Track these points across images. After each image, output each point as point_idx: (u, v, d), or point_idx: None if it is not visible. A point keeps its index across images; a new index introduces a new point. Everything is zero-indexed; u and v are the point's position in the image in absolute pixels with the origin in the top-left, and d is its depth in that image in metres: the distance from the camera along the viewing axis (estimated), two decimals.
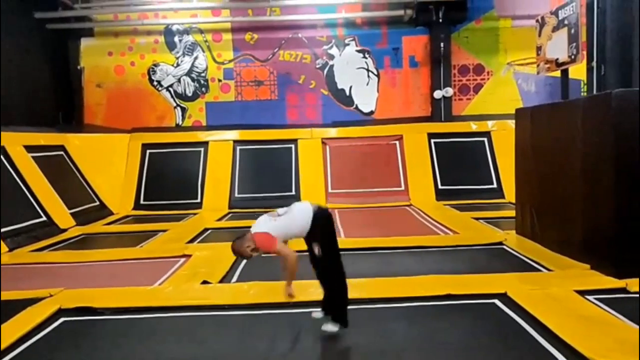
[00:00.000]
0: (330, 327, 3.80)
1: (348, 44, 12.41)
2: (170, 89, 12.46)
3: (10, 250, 7.23)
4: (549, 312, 4.08)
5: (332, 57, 12.41)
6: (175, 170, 11.34)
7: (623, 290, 4.63)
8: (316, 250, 3.74)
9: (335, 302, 3.84)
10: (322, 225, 3.79)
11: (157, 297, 4.89)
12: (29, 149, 9.16)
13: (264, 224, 3.75)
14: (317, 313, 4.00)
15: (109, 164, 11.08)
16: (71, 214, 9.19)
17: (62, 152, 10.32)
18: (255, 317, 4.38)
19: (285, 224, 3.75)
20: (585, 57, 6.86)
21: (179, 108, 12.51)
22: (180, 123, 12.52)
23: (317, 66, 12.42)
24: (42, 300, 4.77)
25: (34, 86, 11.07)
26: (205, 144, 11.57)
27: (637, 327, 3.78)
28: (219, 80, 12.45)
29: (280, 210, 3.86)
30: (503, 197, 10.49)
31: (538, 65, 7.47)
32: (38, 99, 11.23)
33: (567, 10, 6.51)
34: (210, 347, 3.83)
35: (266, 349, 3.73)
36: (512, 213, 7.46)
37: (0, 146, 8.49)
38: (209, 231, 8.42)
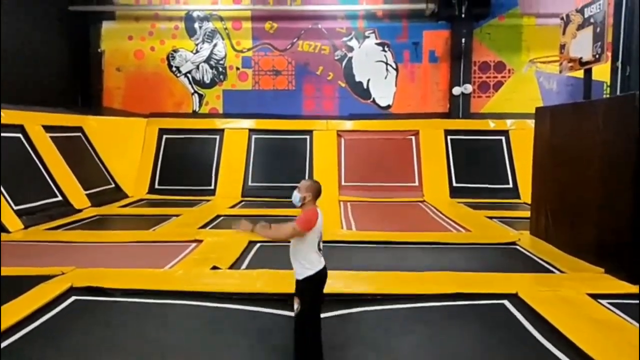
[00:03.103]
0: None
1: (368, 37, 12.31)
2: (188, 75, 12.50)
3: (26, 227, 7.34)
4: (560, 314, 4.02)
5: (351, 49, 12.33)
6: (190, 156, 11.41)
7: (637, 295, 4.54)
8: (295, 305, 3.36)
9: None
10: (315, 286, 3.42)
11: (167, 280, 4.92)
12: (48, 129, 9.27)
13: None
14: None
15: (126, 147, 11.18)
16: (87, 195, 9.30)
17: (79, 134, 10.43)
18: (261, 305, 4.38)
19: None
20: (610, 58, 6.68)
21: (196, 95, 12.55)
22: (197, 110, 12.56)
23: (336, 58, 12.35)
24: (54, 278, 4.83)
25: (54, 68, 11.19)
26: (221, 131, 11.61)
27: None
28: (237, 69, 12.45)
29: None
30: (518, 197, 10.37)
31: (561, 64, 7.32)
32: (58, 80, 11.34)
33: (594, 8, 6.36)
34: (217, 334, 3.85)
35: (270, 339, 3.73)
36: (527, 214, 7.36)
37: (19, 125, 8.59)
38: (221, 218, 8.45)
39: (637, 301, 4.41)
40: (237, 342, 3.70)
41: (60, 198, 8.67)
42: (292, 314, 3.78)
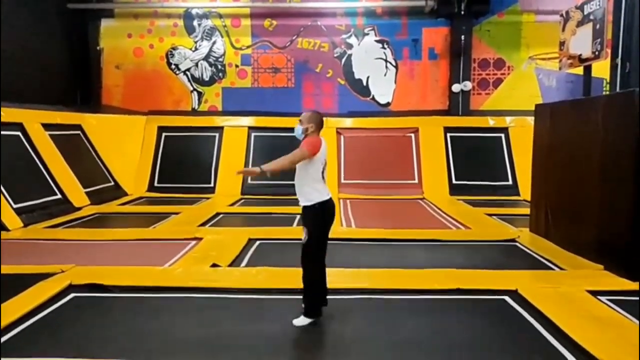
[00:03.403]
0: (299, 321, 3.73)
1: (367, 34, 12.29)
2: (187, 73, 12.48)
3: (25, 226, 7.34)
4: (560, 311, 4.03)
5: (350, 46, 12.31)
6: (189, 154, 11.40)
7: (636, 292, 4.54)
8: (303, 235, 3.66)
9: (305, 294, 3.75)
10: (323, 213, 3.71)
11: (167, 277, 4.92)
12: (47, 126, 9.26)
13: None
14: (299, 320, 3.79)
15: (125, 145, 11.16)
16: (86, 193, 9.29)
17: (79, 132, 10.42)
18: (262, 302, 4.39)
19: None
20: (610, 55, 6.67)
21: (195, 92, 12.53)
22: (197, 107, 12.55)
23: (335, 55, 12.33)
24: (54, 276, 4.83)
25: (53, 65, 11.17)
26: (220, 129, 11.59)
27: None
28: (236, 66, 12.43)
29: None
30: (518, 194, 10.37)
31: (560, 61, 7.30)
32: (57, 78, 11.33)
33: (593, 5, 6.34)
34: (216, 329, 3.85)
35: (272, 334, 3.73)
36: (527, 211, 7.36)
37: (18, 123, 8.58)
38: (221, 216, 8.45)
39: (637, 298, 4.42)
40: (239, 334, 3.70)
41: (59, 196, 8.66)
42: (293, 297, 3.84)
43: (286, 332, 3.76)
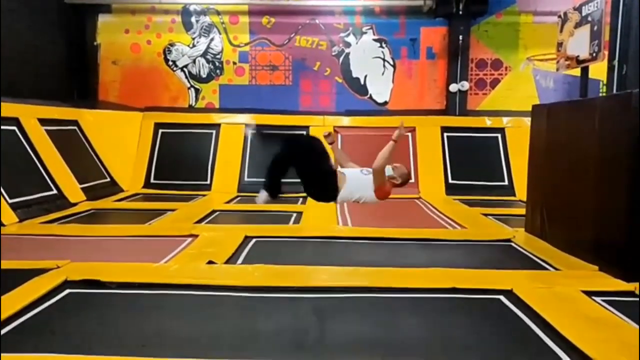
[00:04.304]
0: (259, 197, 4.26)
1: (365, 33, 12.28)
2: (185, 69, 12.45)
3: (21, 221, 7.31)
4: (555, 311, 4.04)
5: (348, 45, 12.30)
6: (186, 151, 11.37)
7: (631, 293, 4.56)
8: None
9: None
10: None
11: (162, 274, 4.91)
12: (43, 122, 9.21)
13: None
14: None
15: (121, 141, 11.13)
16: (82, 188, 9.26)
17: (75, 127, 10.38)
18: (258, 300, 4.39)
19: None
20: (607, 56, 6.71)
21: (192, 89, 12.50)
22: (194, 104, 12.51)
23: (333, 53, 12.33)
24: (49, 271, 4.81)
25: (50, 61, 11.10)
26: (217, 126, 11.57)
27: None
28: (234, 63, 12.41)
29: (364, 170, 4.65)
30: (514, 194, 10.39)
31: (558, 62, 7.33)
32: (54, 73, 11.26)
33: (591, 6, 6.37)
34: (212, 327, 3.85)
35: (267, 332, 3.74)
36: (522, 211, 7.38)
37: (14, 118, 8.54)
38: (217, 213, 8.44)
39: (632, 299, 4.45)
40: (235, 330, 3.70)
41: (55, 191, 8.63)
42: (288, 295, 3.85)
43: (282, 330, 3.76)
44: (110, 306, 4.22)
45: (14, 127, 8.50)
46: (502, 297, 4.43)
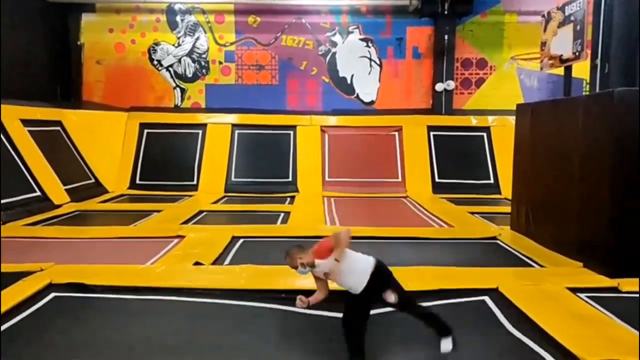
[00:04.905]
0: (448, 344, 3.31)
1: (352, 32, 12.30)
2: (170, 69, 12.36)
3: (4, 223, 7.19)
4: (540, 308, 4.08)
5: (335, 44, 12.31)
6: (172, 151, 11.29)
7: (615, 289, 4.63)
8: (392, 298, 3.29)
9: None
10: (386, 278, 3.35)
11: (149, 276, 4.87)
12: (26, 122, 9.09)
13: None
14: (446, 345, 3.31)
15: (106, 141, 11.01)
16: (66, 190, 9.14)
17: (59, 128, 10.25)
18: (245, 301, 4.37)
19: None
20: (589, 56, 6.79)
21: (178, 89, 12.42)
22: (179, 104, 12.43)
23: (320, 53, 12.33)
24: (33, 274, 4.75)
25: (32, 60, 10.94)
26: (203, 126, 11.51)
27: (628, 326, 3.79)
28: (220, 63, 12.35)
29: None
30: (499, 192, 10.50)
31: (541, 61, 7.41)
32: (36, 73, 11.10)
33: (574, 6, 6.44)
34: (199, 330, 3.82)
35: (256, 335, 3.72)
36: (508, 209, 7.45)
37: None
38: (204, 213, 8.39)
39: (616, 295, 4.52)
40: (222, 336, 3.68)
41: (38, 193, 8.51)
42: (275, 306, 3.80)
43: (269, 333, 3.76)
44: (97, 310, 4.18)
45: None
46: (487, 296, 4.45)
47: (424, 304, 3.91)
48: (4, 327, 3.76)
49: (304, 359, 3.38)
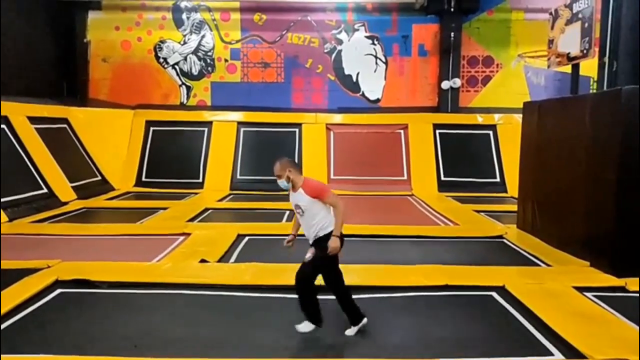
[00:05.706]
0: (352, 331, 3.66)
1: (357, 30, 12.27)
2: (176, 66, 12.37)
3: (10, 220, 7.24)
4: (547, 307, 4.07)
5: (340, 42, 12.28)
6: (178, 148, 11.32)
7: (622, 288, 4.61)
8: (308, 255, 3.60)
9: (347, 306, 3.69)
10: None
11: (155, 273, 4.89)
12: (32, 120, 9.13)
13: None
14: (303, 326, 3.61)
15: (112, 139, 11.05)
16: (72, 187, 9.19)
17: (65, 125, 10.30)
18: (250, 298, 4.37)
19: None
20: (597, 53, 6.73)
21: (184, 86, 12.43)
22: (185, 102, 12.45)
23: (325, 51, 12.30)
24: (40, 271, 4.77)
25: (39, 58, 11.00)
26: (209, 124, 11.52)
27: (635, 325, 3.77)
28: (226, 60, 12.35)
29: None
30: (505, 191, 10.45)
31: (549, 59, 7.36)
32: (43, 71, 11.16)
33: (582, 3, 6.39)
34: (204, 326, 3.83)
35: (260, 331, 3.73)
36: (514, 207, 7.42)
37: (3, 116, 8.44)
38: (210, 211, 8.41)
39: (623, 294, 4.49)
40: (226, 330, 3.68)
41: (45, 190, 8.55)
42: (281, 295, 3.78)
43: (273, 329, 3.76)
44: (103, 306, 4.19)
45: (3, 126, 8.41)
46: (494, 294, 4.45)
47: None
48: (10, 322, 3.78)
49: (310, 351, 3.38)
